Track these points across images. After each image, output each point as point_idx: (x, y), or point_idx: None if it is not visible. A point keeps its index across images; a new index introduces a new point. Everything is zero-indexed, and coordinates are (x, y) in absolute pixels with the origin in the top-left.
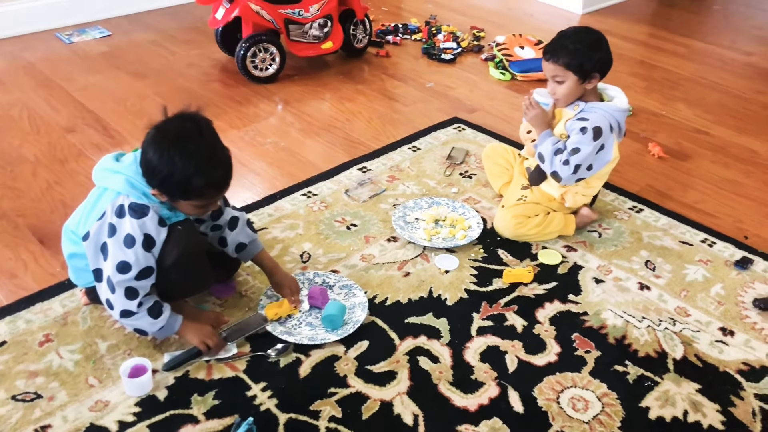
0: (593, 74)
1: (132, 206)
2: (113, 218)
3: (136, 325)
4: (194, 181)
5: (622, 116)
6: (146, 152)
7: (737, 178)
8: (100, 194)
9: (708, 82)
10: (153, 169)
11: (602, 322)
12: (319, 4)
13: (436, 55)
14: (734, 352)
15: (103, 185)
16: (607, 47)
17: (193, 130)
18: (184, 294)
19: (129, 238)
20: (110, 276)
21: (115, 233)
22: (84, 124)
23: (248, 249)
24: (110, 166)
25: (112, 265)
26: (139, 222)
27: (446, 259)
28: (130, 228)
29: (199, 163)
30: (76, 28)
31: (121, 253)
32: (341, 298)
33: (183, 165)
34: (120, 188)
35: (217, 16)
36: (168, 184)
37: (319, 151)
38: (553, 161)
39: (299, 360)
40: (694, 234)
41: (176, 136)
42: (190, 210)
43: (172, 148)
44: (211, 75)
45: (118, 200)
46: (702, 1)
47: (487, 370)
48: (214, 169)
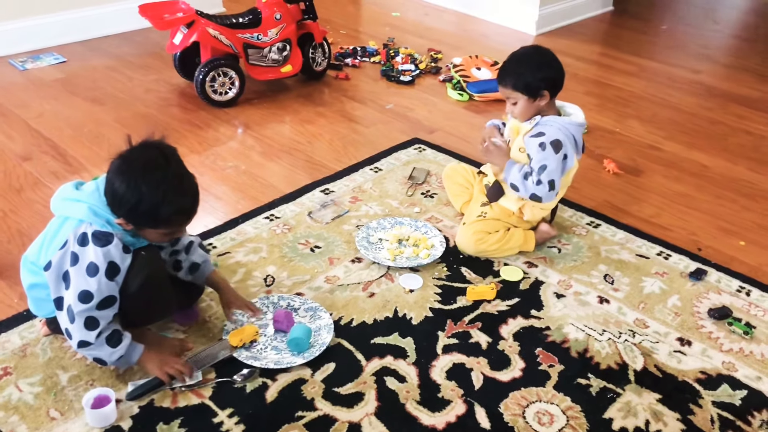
0: (541, 92)
1: (96, 234)
2: (76, 246)
3: (94, 354)
4: (162, 210)
5: (577, 130)
6: (112, 182)
7: (689, 192)
8: (61, 223)
9: (659, 100)
10: (120, 199)
11: (564, 336)
12: (277, 29)
13: (394, 77)
14: (692, 361)
15: (64, 214)
16: (555, 64)
17: (159, 159)
18: (148, 320)
19: (92, 267)
20: (71, 305)
21: (78, 261)
22: (40, 152)
23: (201, 269)
24: (70, 195)
25: (73, 294)
26: (103, 250)
27: (410, 278)
28: (93, 256)
29: (167, 192)
30: (29, 54)
31: (83, 282)
32: (306, 320)
33: (151, 194)
34: (82, 216)
35: (175, 41)
36: (136, 213)
37: (281, 174)
38: (527, 186)
39: (266, 384)
40: (650, 247)
41: (143, 166)
42: (156, 237)
43: (140, 178)
44: (169, 100)
45: (80, 228)
46: (650, 22)
47: (454, 387)
48: (182, 198)
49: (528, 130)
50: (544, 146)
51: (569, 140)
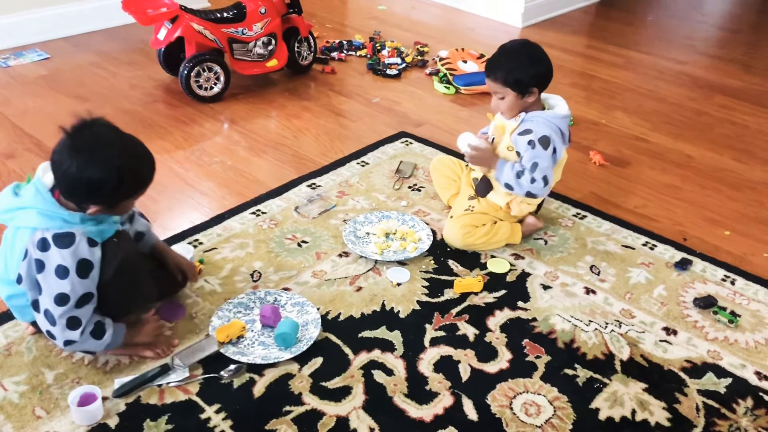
0: (531, 89)
1: (56, 237)
2: (38, 253)
3: (83, 348)
4: (143, 173)
5: (563, 122)
6: (77, 176)
7: (675, 183)
8: (14, 234)
9: (644, 91)
10: (99, 186)
11: (551, 327)
12: (262, 23)
13: (381, 71)
14: (678, 350)
15: (13, 225)
16: (545, 60)
17: (109, 131)
18: (128, 307)
19: (61, 269)
20: (48, 309)
21: (44, 268)
22: (24, 149)
23: (146, 238)
24: (12, 203)
25: (49, 298)
26: (69, 250)
27: (398, 272)
28: (59, 258)
29: (137, 155)
30: (12, 51)
31: (56, 286)
32: (294, 315)
33: (129, 164)
34: (34, 224)
35: (159, 36)
36: (119, 190)
37: (268, 169)
38: (521, 184)
39: (253, 380)
40: (636, 238)
41: (104, 144)
42: (129, 205)
43: (110, 156)
44: (154, 96)
45: (36, 235)
46: (636, 14)
47: (441, 380)
48: (146, 152)
49: (515, 127)
50: (533, 144)
51: (556, 134)
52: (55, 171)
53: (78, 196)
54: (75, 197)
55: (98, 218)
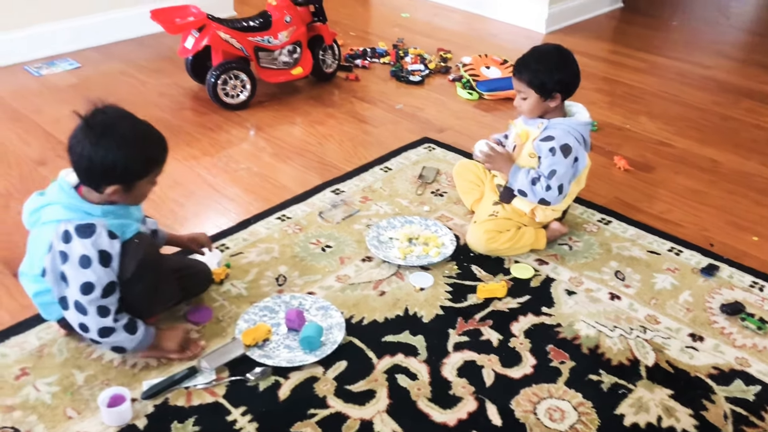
0: (554, 93)
1: (78, 228)
2: (61, 245)
3: (116, 342)
4: (154, 151)
5: (584, 129)
6: (92, 157)
7: (701, 188)
8: (39, 232)
9: (669, 96)
10: (113, 166)
11: (575, 333)
12: (287, 31)
13: (404, 77)
14: (704, 357)
15: (40, 222)
16: (573, 68)
17: (119, 113)
18: (151, 307)
19: (84, 259)
20: (77, 300)
21: (68, 258)
22: (55, 156)
23: (160, 234)
24: (37, 203)
25: (75, 288)
26: (90, 240)
27: (421, 276)
28: (82, 249)
29: (147, 134)
30: (45, 60)
31: (81, 276)
32: (318, 319)
33: (140, 143)
34: (58, 216)
35: (187, 45)
36: (132, 169)
37: (293, 175)
38: (536, 191)
39: (278, 383)
40: (662, 243)
41: (115, 125)
42: (146, 189)
43: (122, 136)
44: (182, 103)
45: (60, 228)
46: (661, 18)
47: (465, 384)
48: (156, 132)
49: (537, 134)
50: (554, 151)
51: (579, 142)
52: (72, 155)
53: (95, 178)
54: (92, 179)
55: (118, 211)
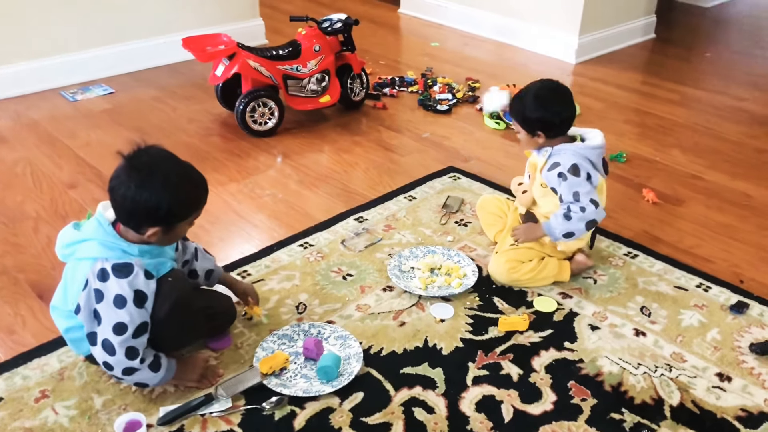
0: (536, 131)
1: (115, 267)
2: (97, 284)
3: (139, 380)
4: (198, 194)
5: (593, 153)
6: (136, 198)
7: (732, 223)
8: (74, 267)
9: (701, 128)
10: (156, 209)
11: (598, 370)
12: (316, 60)
13: (431, 106)
14: (732, 398)
15: (75, 257)
16: (554, 108)
17: (163, 155)
18: (179, 345)
19: (119, 299)
20: (107, 338)
21: (104, 297)
22: (86, 180)
23: (215, 273)
24: (74, 237)
25: (108, 328)
26: (127, 281)
27: (442, 307)
28: (118, 288)
29: (191, 177)
30: (80, 86)
31: (114, 315)
32: (336, 349)
33: (185, 186)
34: (95, 254)
35: (217, 72)
36: (176, 211)
37: (317, 203)
38: (576, 222)
39: (294, 413)
40: (689, 279)
41: (158, 167)
42: (184, 230)
43: (166, 178)
44: (211, 129)
45: (96, 265)
46: (693, 49)
47: (483, 420)
48: (199, 174)
49: (543, 164)
50: (564, 176)
51: (585, 162)
52: (114, 196)
53: (137, 220)
54: (134, 221)
55: (154, 251)
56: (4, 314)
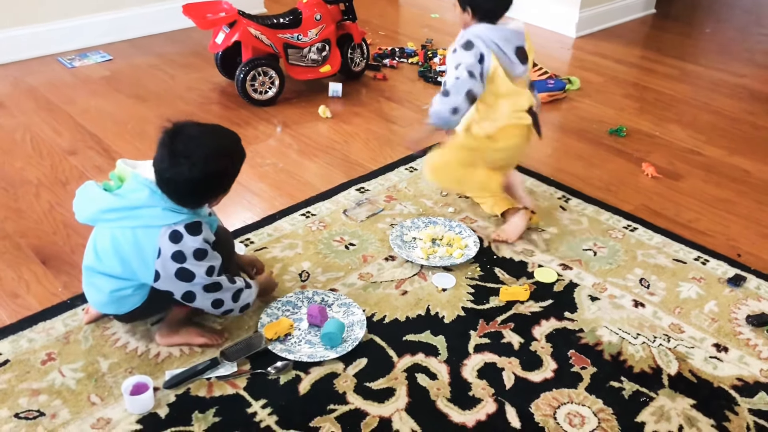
0: (466, 7)
1: (187, 227)
2: (174, 247)
3: (245, 299)
4: (239, 148)
5: (501, 35)
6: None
7: (730, 198)
8: (134, 236)
9: (700, 104)
10: (218, 178)
11: (598, 339)
12: (317, 29)
13: (432, 78)
14: (728, 368)
15: (127, 225)
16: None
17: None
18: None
19: (200, 252)
20: (206, 283)
21: (185, 257)
22: (85, 147)
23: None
24: (118, 203)
25: (201, 276)
26: (201, 236)
27: (443, 277)
28: (195, 244)
29: (228, 135)
30: (77, 52)
31: (202, 265)
32: (340, 316)
33: (231, 144)
34: (163, 221)
35: (217, 40)
36: (232, 172)
37: (318, 172)
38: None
39: (299, 377)
40: (688, 252)
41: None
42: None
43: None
44: (210, 98)
45: (165, 232)
46: (693, 25)
47: (485, 386)
48: (229, 130)
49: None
50: (455, 49)
51: (486, 43)
52: (171, 186)
53: (205, 197)
54: (192, 199)
55: (201, 212)
56: (7, 278)
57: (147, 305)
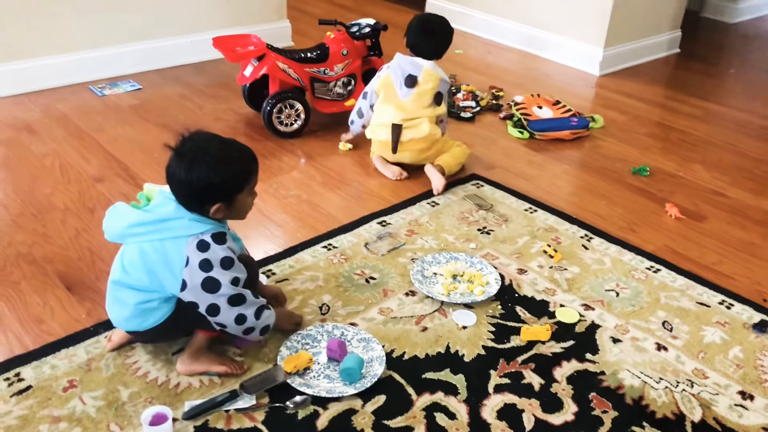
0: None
1: (213, 237)
2: (201, 255)
3: (265, 321)
4: (246, 164)
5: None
6: (190, 179)
7: (755, 240)
8: (162, 248)
9: (724, 145)
10: (209, 183)
11: (619, 382)
12: (343, 64)
13: (455, 113)
14: (754, 416)
15: (157, 238)
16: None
17: (205, 135)
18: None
19: (227, 261)
20: (231, 294)
21: (212, 265)
22: (113, 174)
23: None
24: (146, 217)
25: (227, 286)
26: (227, 245)
27: (464, 314)
28: (222, 252)
29: (237, 147)
30: (108, 81)
31: (228, 274)
32: (359, 351)
33: (233, 157)
34: (190, 232)
35: (246, 73)
36: (229, 184)
37: (340, 205)
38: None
39: (317, 412)
40: (712, 295)
41: (207, 145)
42: (247, 204)
43: (214, 153)
44: (237, 129)
45: (193, 242)
46: (718, 65)
47: (504, 428)
48: (244, 147)
49: None
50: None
51: (391, 63)
52: (172, 185)
53: (198, 200)
54: (194, 202)
55: (226, 226)
56: (33, 303)
57: (170, 322)
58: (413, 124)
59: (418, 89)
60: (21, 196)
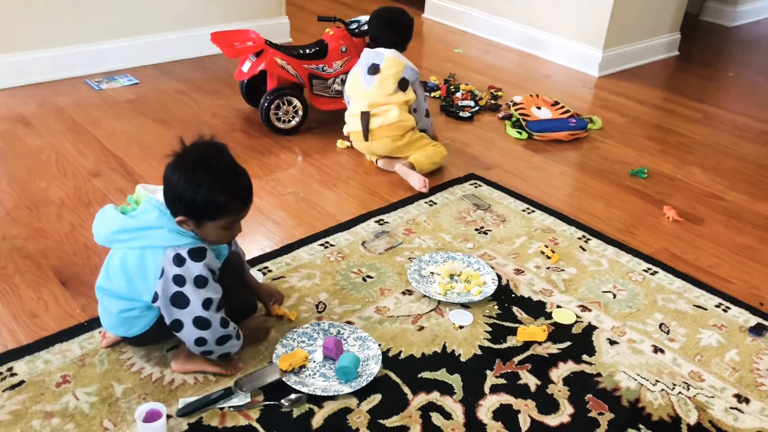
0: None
1: (191, 252)
2: (176, 269)
3: (228, 348)
4: (220, 198)
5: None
6: (170, 180)
7: (752, 244)
8: (140, 256)
9: (723, 148)
10: (180, 194)
11: (616, 384)
12: (342, 61)
13: (454, 113)
14: (750, 419)
15: (137, 246)
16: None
17: (212, 151)
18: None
19: (200, 279)
20: (199, 315)
21: (185, 281)
22: (109, 169)
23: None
24: (130, 224)
25: (197, 306)
26: (205, 262)
27: (460, 314)
28: (197, 270)
29: (224, 179)
30: (105, 75)
31: (200, 294)
32: (355, 349)
33: (208, 183)
34: (168, 242)
35: (243, 68)
36: (194, 205)
37: (337, 203)
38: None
39: (312, 411)
40: (709, 298)
41: (198, 159)
42: (215, 235)
43: (196, 169)
44: (234, 125)
45: (170, 253)
46: (717, 69)
47: (500, 428)
48: (237, 183)
49: None
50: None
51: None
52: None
53: (169, 203)
54: (167, 201)
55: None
56: (27, 298)
57: (156, 329)
58: (382, 110)
59: (380, 76)
60: (16, 190)
